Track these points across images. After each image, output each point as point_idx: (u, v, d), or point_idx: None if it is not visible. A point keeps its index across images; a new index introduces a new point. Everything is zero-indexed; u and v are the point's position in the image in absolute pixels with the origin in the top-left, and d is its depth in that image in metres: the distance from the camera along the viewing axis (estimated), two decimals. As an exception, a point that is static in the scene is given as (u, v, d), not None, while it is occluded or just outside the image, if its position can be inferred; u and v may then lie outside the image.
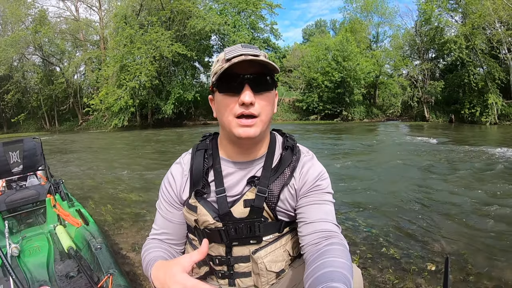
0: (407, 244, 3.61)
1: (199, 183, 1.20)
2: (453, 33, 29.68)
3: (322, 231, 1.10)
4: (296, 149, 1.26)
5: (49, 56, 35.18)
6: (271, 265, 1.22)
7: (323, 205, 1.17)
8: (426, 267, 3.03)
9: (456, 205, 5.00)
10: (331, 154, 10.60)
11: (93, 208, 4.96)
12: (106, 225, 4.25)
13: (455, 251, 3.41)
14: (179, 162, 1.29)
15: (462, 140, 14.42)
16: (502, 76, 25.59)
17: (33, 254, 2.55)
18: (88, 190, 6.30)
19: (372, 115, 34.56)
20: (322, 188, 1.20)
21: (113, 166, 9.02)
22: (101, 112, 29.47)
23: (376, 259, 3.24)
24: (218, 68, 1.07)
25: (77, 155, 12.16)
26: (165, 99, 28.91)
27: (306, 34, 57.19)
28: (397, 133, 19.15)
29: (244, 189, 1.20)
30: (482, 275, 2.89)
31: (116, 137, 20.33)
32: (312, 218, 1.13)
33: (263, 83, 1.09)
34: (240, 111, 1.06)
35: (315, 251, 1.03)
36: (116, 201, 5.44)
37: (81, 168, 8.88)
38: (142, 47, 25.93)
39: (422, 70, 31.64)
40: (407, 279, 2.83)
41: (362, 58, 32.59)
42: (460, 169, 7.68)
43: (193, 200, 1.20)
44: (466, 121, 27.02)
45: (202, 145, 1.28)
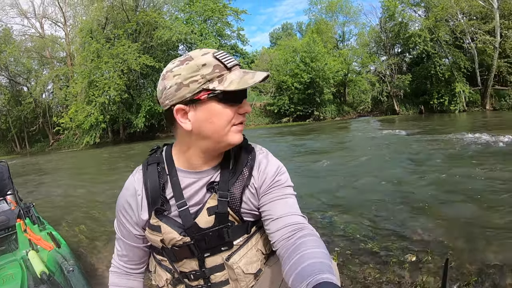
0: (386, 237, 3.62)
1: (157, 200, 1.13)
2: (417, 27, 30.78)
3: (291, 225, 1.09)
4: (249, 147, 1.24)
5: (15, 76, 34.16)
6: (248, 268, 1.20)
7: (286, 199, 1.17)
8: (406, 259, 3.03)
9: (430, 194, 5.07)
10: (306, 155, 10.67)
11: (67, 230, 4.82)
12: (81, 246, 4.14)
13: (434, 240, 3.42)
14: (130, 182, 1.20)
15: (433, 130, 14.83)
16: (468, 65, 26.59)
17: (7, 282, 2.47)
18: (61, 211, 6.11)
19: (344, 113, 35.15)
20: (282, 183, 1.19)
21: (86, 185, 8.77)
22: (71, 131, 28.79)
23: (356, 255, 3.23)
24: (215, 76, 1.01)
25: (49, 176, 11.81)
26: (136, 113, 28.44)
27: (273, 38, 57.64)
28: (369, 129, 19.50)
29: (205, 197, 1.16)
30: (464, 260, 2.92)
31: (89, 155, 19.97)
32: (278, 214, 1.12)
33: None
34: (241, 120, 1.08)
35: (289, 245, 1.03)
36: (90, 221, 5.29)
37: (53, 189, 8.61)
38: (110, 61, 25.49)
39: (389, 65, 32.51)
40: (388, 272, 2.83)
41: (329, 57, 33.10)
42: (432, 158, 7.86)
43: (154, 220, 1.13)
44: (435, 111, 27.94)
45: (153, 159, 1.20)
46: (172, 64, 1.06)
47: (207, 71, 1.00)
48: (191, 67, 1.01)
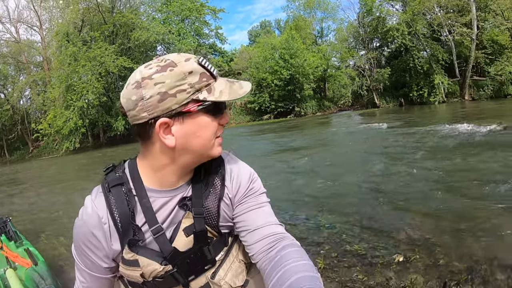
0: (371, 237, 3.60)
1: (129, 230, 0.97)
2: (394, 21, 31.33)
3: (270, 235, 1.02)
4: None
5: (-9, 83, 33.55)
6: (235, 281, 1.12)
7: (261, 208, 1.09)
8: (393, 259, 3.01)
9: (414, 190, 5.08)
10: (287, 152, 10.64)
11: (46, 243, 4.67)
12: (60, 260, 3.99)
13: (421, 237, 3.43)
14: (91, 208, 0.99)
15: (414, 122, 15.11)
16: (446, 57, 27.25)
17: None
18: (40, 223, 5.95)
19: (324, 108, 35.41)
20: (256, 191, 1.11)
21: (67, 193, 8.52)
22: (51, 137, 28.13)
23: (342, 258, 3.21)
24: (203, 85, 0.91)
25: (28, 186, 11.48)
26: (115, 116, 27.76)
27: (252, 35, 57.42)
28: (351, 123, 19.73)
29: (179, 217, 1.03)
30: (452, 257, 2.93)
31: (69, 161, 19.62)
32: (255, 225, 1.04)
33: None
34: (222, 131, 1.01)
35: (271, 258, 0.97)
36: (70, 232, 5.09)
37: (33, 200, 8.33)
38: (87, 64, 24.96)
39: (368, 59, 32.93)
40: (376, 274, 2.81)
41: (308, 53, 33.29)
42: (414, 151, 7.93)
43: (129, 255, 0.97)
44: (415, 103, 28.41)
45: (116, 179, 1.01)
46: (149, 69, 0.88)
47: (195, 80, 0.89)
48: (177, 74, 0.87)
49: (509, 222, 3.48)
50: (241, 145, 14.82)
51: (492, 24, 26.00)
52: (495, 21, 25.09)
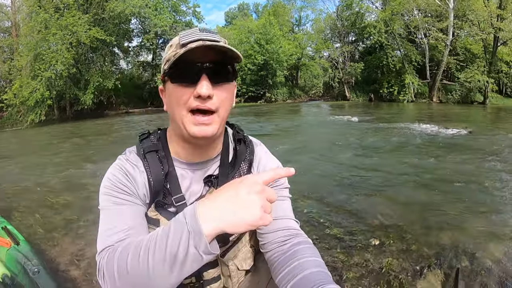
0: (348, 221, 3.79)
1: (160, 192, 1.03)
2: (373, 18, 31.84)
3: (286, 229, 1.07)
4: (248, 140, 1.19)
5: (-46, 48, 31.51)
6: (242, 264, 1.19)
7: (282, 202, 1.13)
8: (370, 243, 3.21)
9: (384, 181, 5.37)
10: (259, 137, 10.58)
11: (20, 221, 4.41)
12: (38, 239, 3.78)
13: (393, 224, 3.66)
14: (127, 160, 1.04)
15: (383, 118, 15.53)
16: (419, 58, 28.07)
17: None
18: (12, 200, 5.54)
19: (295, 96, 35.77)
20: (280, 184, 1.15)
21: (35, 168, 8.07)
22: (15, 108, 26.88)
23: (322, 240, 3.36)
24: (172, 55, 0.92)
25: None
26: (83, 89, 26.67)
27: (228, 17, 56.71)
28: (321, 113, 20.19)
29: (203, 191, 1.09)
30: (422, 243, 3.16)
31: (34, 134, 18.78)
32: (274, 215, 1.04)
33: (223, 73, 0.95)
34: (195, 105, 0.91)
35: (284, 251, 1.01)
36: (44, 209, 4.87)
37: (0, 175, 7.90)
38: (58, 33, 23.62)
39: (342, 53, 33.36)
40: (355, 256, 2.98)
41: (284, 41, 33.33)
42: (383, 145, 8.32)
43: (153, 213, 1.02)
44: (385, 100, 29.19)
45: (152, 146, 1.07)
46: None
47: (169, 52, 0.95)
48: (166, 49, 1.00)
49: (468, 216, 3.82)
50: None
51: (468, 33, 27.06)
52: (471, 30, 25.98)
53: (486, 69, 25.42)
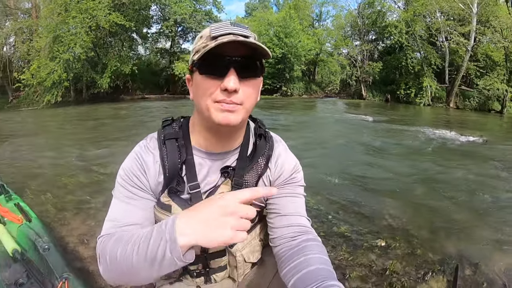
0: (356, 221, 3.77)
1: (174, 179, 1.06)
2: (394, 18, 31.27)
3: (296, 226, 1.09)
4: (268, 136, 1.20)
5: (-25, 27, 31.95)
6: (249, 256, 1.21)
7: (296, 198, 1.16)
8: (377, 243, 3.20)
9: (398, 182, 5.35)
10: (273, 131, 10.56)
11: (32, 199, 4.48)
12: (49, 218, 3.88)
13: (400, 226, 3.64)
14: (145, 147, 1.09)
15: (398, 120, 15.28)
16: (438, 62, 27.36)
17: None
18: (25, 178, 5.61)
19: (311, 91, 35.41)
20: (297, 181, 1.18)
21: (49, 148, 8.22)
22: (32, 88, 27.19)
23: (329, 237, 3.35)
24: (201, 46, 0.93)
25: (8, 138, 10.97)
26: (101, 72, 26.98)
27: (249, 8, 56.11)
28: (336, 110, 19.88)
29: (218, 181, 1.11)
30: (427, 249, 3.13)
31: (50, 115, 19.04)
32: (286, 211, 1.12)
33: (251, 68, 0.96)
34: (221, 98, 0.93)
35: (292, 246, 1.03)
36: (57, 189, 4.97)
37: (15, 153, 7.88)
38: (78, 16, 23.88)
39: (361, 51, 32.90)
40: (360, 255, 2.97)
41: (304, 35, 32.94)
42: (397, 148, 8.19)
43: (166, 199, 1.06)
44: (401, 101, 28.65)
45: (172, 134, 1.10)
46: None
47: (199, 43, 0.96)
48: (197, 39, 1.01)
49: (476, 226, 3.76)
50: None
51: (490, 39, 26.14)
52: (493, 37, 25.15)
53: (506, 78, 24.70)
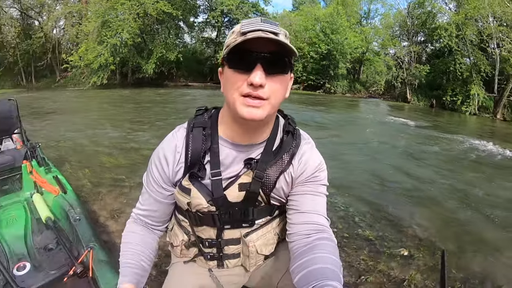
0: (382, 226, 3.71)
1: (195, 165, 1.13)
2: (445, 20, 29.60)
3: (313, 224, 1.09)
4: (297, 134, 1.20)
5: (27, 9, 33.04)
6: (262, 248, 1.24)
7: (317, 197, 1.16)
8: (399, 252, 3.12)
9: (432, 191, 5.15)
10: (313, 128, 10.56)
11: (71, 173, 4.77)
12: (84, 192, 4.13)
13: (427, 237, 3.52)
14: (172, 137, 1.18)
15: (442, 127, 14.66)
16: (488, 69, 25.59)
17: (10, 224, 2.42)
18: (65, 153, 6.00)
19: (355, 91, 34.45)
20: (319, 180, 1.18)
21: (92, 127, 8.69)
22: (79, 69, 28.23)
23: (352, 239, 3.32)
24: (232, 41, 0.97)
25: (54, 115, 11.63)
26: (146, 58, 27.81)
27: (296, 2, 55.27)
28: (379, 112, 19.34)
29: (240, 172, 1.15)
30: (451, 264, 3.00)
31: (95, 96, 19.79)
32: (305, 208, 1.12)
33: (278, 65, 0.97)
34: (247, 91, 0.96)
35: (305, 243, 1.03)
36: (94, 165, 5.27)
37: (58, 129, 8.47)
38: (126, 3, 24.68)
39: (409, 52, 31.66)
40: (380, 262, 2.92)
41: (351, 32, 32.13)
42: (438, 156, 7.85)
43: (187, 182, 1.13)
44: (446, 108, 27.25)
45: (201, 122, 1.16)
46: None
47: (230, 38, 1.00)
48: (229, 34, 1.04)
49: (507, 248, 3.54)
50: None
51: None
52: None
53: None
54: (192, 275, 1.33)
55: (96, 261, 1.83)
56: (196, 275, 1.32)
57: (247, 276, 1.35)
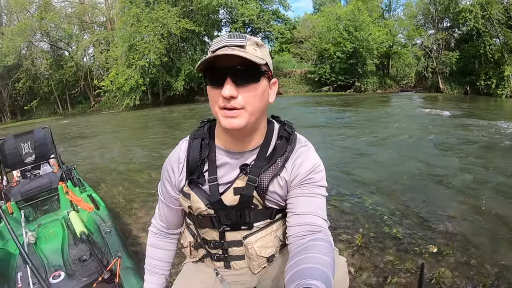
0: (411, 223, 3.60)
1: (194, 172, 1.23)
2: (468, 1, 28.31)
3: (308, 225, 1.11)
4: (292, 138, 1.24)
5: (56, 41, 34.80)
6: (261, 251, 1.29)
7: (313, 198, 1.18)
8: (428, 249, 3.02)
9: (466, 185, 4.84)
10: (343, 127, 10.54)
11: (105, 191, 5.09)
12: (117, 208, 4.38)
13: (459, 233, 3.35)
14: (177, 149, 1.31)
15: (477, 114, 13.95)
16: None
17: (49, 240, 2.69)
18: (101, 173, 6.40)
19: (386, 86, 33.56)
20: (314, 181, 1.20)
21: (126, 146, 9.15)
22: (112, 93, 29.27)
23: (379, 238, 3.25)
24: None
25: (90, 138, 12.27)
26: (175, 76, 28.65)
27: (316, 3, 54.93)
28: (411, 105, 18.65)
29: (236, 177, 1.22)
30: (485, 260, 2.85)
31: (128, 117, 20.46)
32: (300, 210, 1.15)
33: (247, 75, 1.04)
34: (223, 104, 1.04)
35: (299, 244, 1.05)
36: (128, 182, 5.56)
37: (94, 151, 8.99)
38: (149, 25, 25.58)
39: (436, 40, 30.62)
40: (407, 260, 2.83)
41: (374, 27, 31.31)
42: (474, 145, 7.44)
43: (187, 188, 1.25)
44: (481, 93, 26.03)
45: (199, 134, 1.28)
46: None
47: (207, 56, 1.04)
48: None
49: None
50: (296, 114, 14.73)
51: None
52: None
53: None
54: (200, 274, 1.46)
55: (123, 269, 2.04)
56: (204, 274, 1.45)
57: (255, 279, 1.41)
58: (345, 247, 3.08)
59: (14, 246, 2.47)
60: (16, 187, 3.24)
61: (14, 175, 3.93)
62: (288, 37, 38.87)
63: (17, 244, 1.86)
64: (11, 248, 2.51)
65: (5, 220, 2.23)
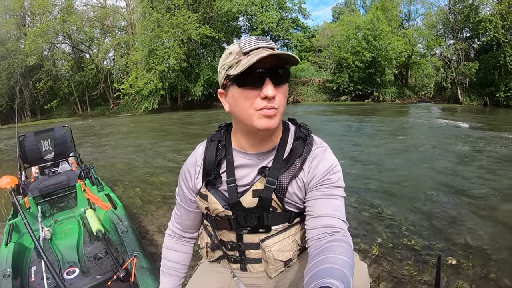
0: (430, 234, 3.53)
1: (211, 174, 1.25)
2: (488, 11, 27.87)
3: (327, 227, 1.10)
4: (309, 139, 1.24)
5: (78, 44, 35.86)
6: (279, 254, 1.27)
7: (331, 200, 1.17)
8: (446, 261, 2.96)
9: (486, 198, 4.75)
10: (361, 137, 10.42)
11: (123, 191, 5.13)
12: (134, 208, 4.39)
13: (479, 246, 3.27)
14: (194, 153, 1.33)
15: (497, 126, 13.72)
16: None
17: (64, 236, 2.72)
18: (118, 174, 6.47)
19: (404, 96, 33.17)
20: (332, 182, 1.19)
21: (143, 149, 9.22)
22: (131, 96, 29.83)
23: (397, 249, 3.19)
24: (234, 62, 1.05)
25: (108, 139, 12.46)
26: (194, 81, 29.00)
27: (335, 12, 55.09)
28: (429, 116, 18.34)
29: (254, 179, 1.22)
30: (504, 274, 2.77)
31: (147, 120, 20.68)
32: (319, 212, 1.14)
33: (282, 76, 1.07)
34: (263, 105, 1.04)
35: (318, 246, 1.04)
36: (145, 184, 5.58)
37: (112, 152, 9.10)
38: (170, 31, 25.97)
39: (456, 50, 30.21)
40: (425, 272, 2.77)
41: (393, 37, 31.03)
42: (494, 158, 7.27)
43: (204, 189, 1.26)
44: (501, 105, 25.53)
45: (216, 137, 1.30)
46: None
47: (230, 59, 1.06)
48: (223, 56, 1.11)
49: None
50: (313, 122, 14.72)
51: None
52: None
53: None
54: (216, 274, 1.45)
55: (139, 268, 2.04)
56: (220, 274, 1.44)
57: (271, 283, 1.38)
58: (363, 257, 3.02)
59: (30, 240, 2.50)
60: (34, 183, 3.29)
61: (32, 171, 3.99)
62: (307, 46, 38.87)
63: (33, 238, 1.87)
64: (26, 242, 2.54)
65: (21, 214, 2.26)
